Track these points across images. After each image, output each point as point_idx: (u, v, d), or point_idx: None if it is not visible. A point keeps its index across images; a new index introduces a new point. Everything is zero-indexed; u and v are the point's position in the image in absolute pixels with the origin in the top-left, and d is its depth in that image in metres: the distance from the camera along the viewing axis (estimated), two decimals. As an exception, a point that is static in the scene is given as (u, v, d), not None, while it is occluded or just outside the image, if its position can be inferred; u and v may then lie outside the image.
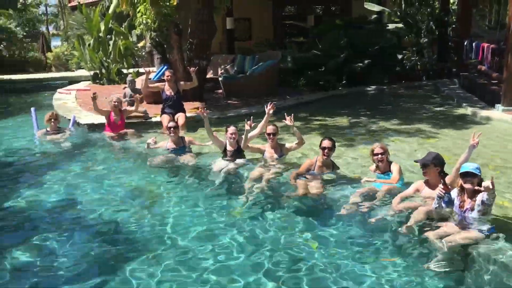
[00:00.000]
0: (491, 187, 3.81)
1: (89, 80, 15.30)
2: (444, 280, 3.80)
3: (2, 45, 22.41)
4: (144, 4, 10.50)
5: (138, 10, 10.78)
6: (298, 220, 4.94)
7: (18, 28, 24.30)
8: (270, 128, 6.33)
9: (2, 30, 22.26)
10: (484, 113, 9.03)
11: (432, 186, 4.66)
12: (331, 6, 20.10)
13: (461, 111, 9.72)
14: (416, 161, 4.87)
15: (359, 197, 5.02)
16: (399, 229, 4.39)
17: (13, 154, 7.64)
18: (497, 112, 8.95)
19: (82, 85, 14.63)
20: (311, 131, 8.25)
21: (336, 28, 14.04)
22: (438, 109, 10.13)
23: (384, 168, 5.31)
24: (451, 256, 3.94)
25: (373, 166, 5.47)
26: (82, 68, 17.65)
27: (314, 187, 5.37)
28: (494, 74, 10.18)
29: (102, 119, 8.52)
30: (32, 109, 9.14)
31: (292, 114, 6.14)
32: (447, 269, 3.87)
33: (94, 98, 8.10)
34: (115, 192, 5.89)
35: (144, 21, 10.65)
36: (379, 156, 5.24)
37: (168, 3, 10.53)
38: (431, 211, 4.41)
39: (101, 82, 14.77)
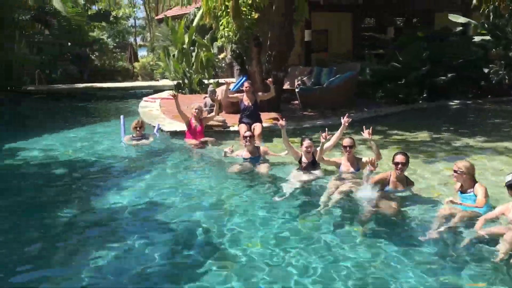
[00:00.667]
0: None
1: (172, 89, 16.03)
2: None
3: (94, 55, 24.09)
4: (227, 17, 10.88)
5: (220, 23, 11.18)
6: (374, 239, 4.81)
7: (109, 39, 26.04)
8: (347, 141, 6.26)
9: (95, 41, 23.97)
10: None
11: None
12: (413, 18, 19.57)
13: (554, 129, 9.08)
14: (507, 184, 4.52)
15: (441, 219, 4.83)
16: (492, 258, 4.16)
17: (100, 158, 8.17)
18: None
19: (166, 94, 15.37)
20: (389, 145, 8.08)
21: (418, 40, 13.67)
22: (528, 126, 9.53)
23: (468, 187, 5.00)
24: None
25: (457, 185, 5.19)
26: (166, 78, 18.56)
27: (389, 205, 5.27)
28: None
29: (183, 127, 8.92)
30: (122, 116, 9.77)
31: (371, 127, 6.04)
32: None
33: (175, 96, 8.60)
34: (193, 197, 6.12)
35: (226, 34, 11.03)
36: (462, 175, 4.98)
37: (249, 17, 10.84)
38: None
39: (183, 91, 15.44)
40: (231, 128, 9.45)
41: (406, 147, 7.68)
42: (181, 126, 9.16)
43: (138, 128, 8.78)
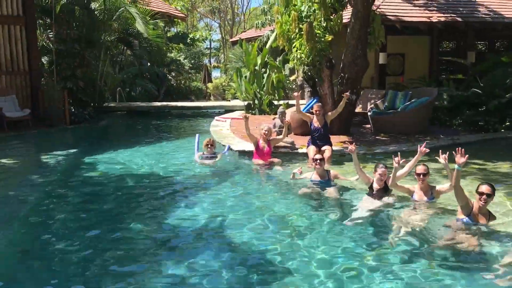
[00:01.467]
0: None
1: (243, 110, 16.30)
2: None
3: (171, 75, 25.13)
4: (300, 40, 10.92)
5: (293, 45, 11.24)
6: (442, 273, 4.48)
7: (185, 60, 27.08)
8: (420, 168, 6.01)
9: (173, 61, 25.02)
10: None
11: None
12: (496, 42, 18.61)
13: None
14: None
15: None
16: None
17: (173, 173, 8.40)
18: None
19: (236, 114, 15.64)
20: (468, 175, 7.60)
21: (502, 65, 12.93)
22: None
23: None
24: None
25: None
26: (237, 98, 18.91)
27: (466, 238, 4.93)
28: None
29: (251, 147, 8.98)
30: (197, 135, 10.02)
31: (447, 153, 5.73)
32: None
33: (246, 118, 8.68)
34: (258, 218, 6.06)
35: (298, 56, 11.06)
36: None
37: (323, 39, 10.81)
38: None
39: (253, 112, 15.62)
40: (299, 150, 9.37)
41: (486, 178, 7.19)
42: (250, 146, 9.23)
43: (209, 146, 8.96)
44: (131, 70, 21.05)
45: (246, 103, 16.31)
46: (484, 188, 5.14)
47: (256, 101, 15.92)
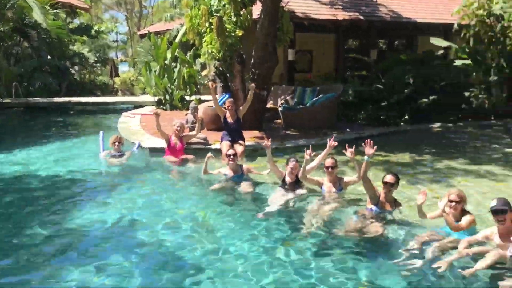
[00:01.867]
0: None
1: (153, 105, 15.83)
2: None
3: (74, 69, 23.75)
4: (211, 34, 10.79)
5: (204, 40, 11.08)
6: (353, 261, 4.70)
7: (90, 53, 25.75)
8: (329, 162, 6.21)
9: (76, 54, 23.65)
10: (561, 157, 8.43)
11: (505, 235, 4.31)
12: (395, 41, 19.84)
13: (534, 153, 9.13)
14: (492, 209, 4.39)
15: (420, 243, 4.72)
16: (464, 271, 4.10)
17: (77, 173, 7.88)
18: None
19: (146, 109, 15.14)
20: (372, 166, 7.96)
21: (401, 63, 13.78)
22: (508, 150, 9.55)
23: (456, 218, 4.83)
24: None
25: (450, 214, 4.92)
26: (147, 93, 18.32)
27: (374, 226, 5.16)
28: None
29: (163, 144, 8.70)
30: (101, 132, 9.51)
31: (354, 146, 5.97)
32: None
33: (157, 115, 8.37)
34: (171, 216, 5.91)
35: (209, 51, 10.92)
36: (453, 204, 4.82)
37: (233, 34, 10.77)
38: (504, 257, 4.08)
39: (164, 107, 15.23)
40: (213, 146, 9.26)
41: (390, 169, 7.59)
42: (161, 143, 8.93)
43: (116, 144, 8.55)
44: (29, 63, 19.54)
45: (156, 98, 15.85)
46: (389, 178, 5.43)
47: (167, 96, 15.53)
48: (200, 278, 4.31)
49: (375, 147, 5.52)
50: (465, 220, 4.81)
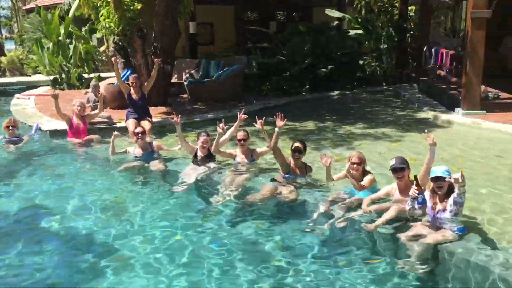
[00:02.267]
0: (460, 180, 3.88)
1: (48, 85, 14.81)
2: (417, 280, 3.89)
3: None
4: (108, 8, 10.28)
5: (100, 14, 10.54)
6: (269, 225, 4.94)
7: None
8: (240, 134, 6.33)
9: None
10: (445, 117, 9.33)
11: (404, 190, 4.74)
12: (293, 13, 20.32)
13: (422, 115, 10.00)
14: (392, 168, 4.75)
15: (328, 204, 5.02)
16: (366, 226, 4.46)
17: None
18: (458, 116, 9.26)
19: (41, 90, 14.14)
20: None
21: (299, 34, 14.22)
22: (400, 113, 10.39)
23: (358, 178, 5.19)
24: (424, 256, 4.03)
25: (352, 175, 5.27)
26: (39, 73, 17.08)
27: (287, 191, 5.40)
28: (453, 79, 10.56)
29: (64, 125, 8.25)
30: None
31: (264, 118, 6.15)
32: (420, 270, 3.96)
33: (55, 97, 7.88)
34: (80, 199, 5.72)
35: (107, 25, 10.42)
36: (355, 165, 5.16)
37: (132, 7, 10.36)
38: (403, 211, 4.50)
39: (62, 87, 14.33)
40: (118, 125, 8.96)
41: (296, 136, 7.92)
42: (62, 125, 8.46)
43: (10, 128, 7.99)
44: None
45: (51, 77, 14.82)
46: (297, 146, 5.69)
47: (64, 75, 14.60)
48: (116, 261, 4.26)
49: (285, 119, 5.76)
50: (366, 179, 5.20)
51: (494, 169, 6.15)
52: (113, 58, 8.90)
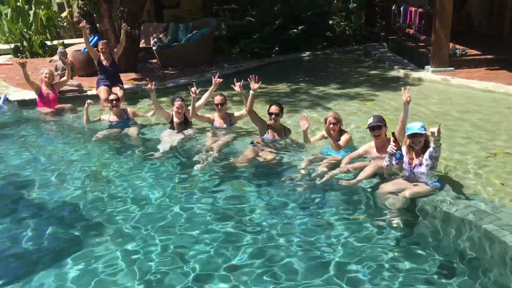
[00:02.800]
0: (436, 134, 4.00)
1: (9, 54, 14.20)
2: (395, 233, 4.06)
3: None
4: (69, -30, 9.84)
5: (62, -24, 10.09)
6: (250, 187, 5.02)
7: None
8: (218, 99, 6.30)
9: None
10: (415, 74, 9.51)
11: (381, 147, 4.86)
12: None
13: (393, 73, 10.14)
14: (369, 126, 4.83)
15: (307, 163, 5.13)
16: (345, 183, 4.60)
17: None
18: (427, 73, 9.45)
19: (2, 59, 13.57)
20: (255, 98, 8.25)
21: (268, -6, 14.01)
22: (372, 72, 10.50)
23: (335, 138, 5.25)
24: (402, 210, 4.20)
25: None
26: (-1, 41, 16.33)
27: (267, 153, 5.47)
28: (422, 37, 10.67)
29: (33, 95, 8.01)
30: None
31: (242, 81, 6.13)
32: (399, 223, 4.14)
33: (22, 65, 7.62)
34: (53, 170, 5.63)
35: (70, -11, 9.99)
36: (331, 126, 5.22)
37: (95, -31, 9.97)
38: (381, 168, 4.63)
39: (24, 55, 13.78)
40: (89, 92, 8.77)
41: (271, 99, 7.94)
42: (31, 94, 8.21)
43: (-24, 100, 7.69)
44: None
45: (12, 46, 14.21)
46: (273, 108, 5.71)
47: (25, 43, 14.00)
48: (96, 229, 4.28)
49: (260, 82, 5.74)
50: (343, 139, 5.30)
51: (465, 122, 6.37)
52: (81, 24, 8.61)
